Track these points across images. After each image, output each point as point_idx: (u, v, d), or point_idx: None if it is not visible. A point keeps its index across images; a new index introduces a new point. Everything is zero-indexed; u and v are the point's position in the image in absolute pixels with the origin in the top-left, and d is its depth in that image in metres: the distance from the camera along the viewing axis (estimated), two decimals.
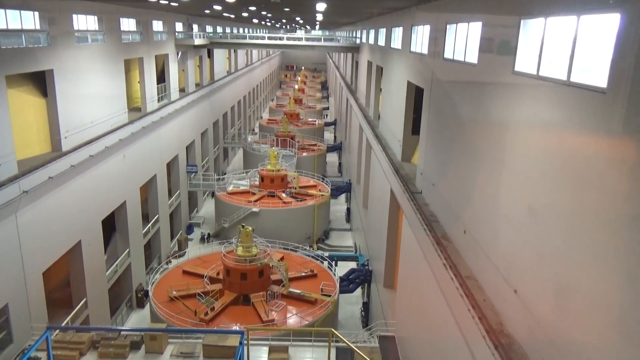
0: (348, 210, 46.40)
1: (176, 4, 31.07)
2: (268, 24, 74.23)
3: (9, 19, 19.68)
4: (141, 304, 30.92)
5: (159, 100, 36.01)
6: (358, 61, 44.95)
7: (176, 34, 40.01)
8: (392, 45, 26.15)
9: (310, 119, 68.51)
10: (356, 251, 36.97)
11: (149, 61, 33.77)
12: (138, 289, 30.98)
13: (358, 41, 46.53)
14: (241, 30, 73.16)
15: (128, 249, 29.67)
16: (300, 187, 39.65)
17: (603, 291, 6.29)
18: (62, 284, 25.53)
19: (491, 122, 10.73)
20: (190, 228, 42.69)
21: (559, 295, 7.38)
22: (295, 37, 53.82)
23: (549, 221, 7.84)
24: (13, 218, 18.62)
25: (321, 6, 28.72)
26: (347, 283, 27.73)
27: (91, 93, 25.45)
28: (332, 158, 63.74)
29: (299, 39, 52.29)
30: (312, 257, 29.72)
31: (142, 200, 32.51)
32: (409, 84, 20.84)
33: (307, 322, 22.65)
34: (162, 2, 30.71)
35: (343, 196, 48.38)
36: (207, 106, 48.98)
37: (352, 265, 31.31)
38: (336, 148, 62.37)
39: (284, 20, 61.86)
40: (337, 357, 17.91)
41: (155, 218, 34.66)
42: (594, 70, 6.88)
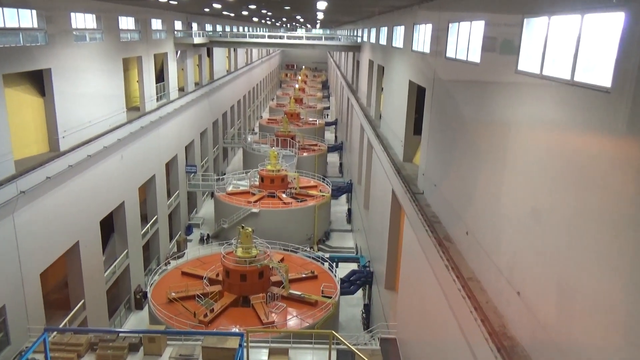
0: (349, 211, 46.30)
1: (175, 2, 30.98)
2: (268, 23, 74.28)
3: (7, 17, 19.65)
4: (140, 306, 30.82)
5: (158, 99, 35.97)
6: (359, 60, 44.88)
7: (175, 33, 39.97)
8: (394, 44, 26.15)
9: (310, 119, 68.45)
10: (357, 252, 36.86)
11: (148, 60, 33.71)
12: (136, 291, 30.89)
13: (359, 40, 46.42)
14: (241, 29, 73.11)
15: (126, 250, 29.61)
16: (300, 188, 39.53)
17: (607, 293, 6.27)
18: (60, 285, 25.51)
19: (494, 122, 10.73)
20: (189, 229, 42.60)
21: (563, 297, 7.37)
22: (295, 36, 53.55)
23: (552, 222, 7.81)
24: (10, 218, 18.57)
25: (322, 4, 28.62)
26: (348, 285, 27.64)
27: (89, 92, 25.44)
28: (333, 158, 63.66)
29: (300, 38, 52.11)
30: (313, 259, 29.62)
31: (141, 200, 32.47)
32: (411, 84, 20.86)
33: (308, 324, 22.58)
34: (161, 1, 30.62)
35: (344, 197, 48.21)
36: (207, 106, 48.90)
37: (353, 266, 31.20)
38: (337, 148, 62.26)
39: (285, 18, 61.90)
40: None
41: (154, 219, 34.59)
42: (598, 69, 6.88)
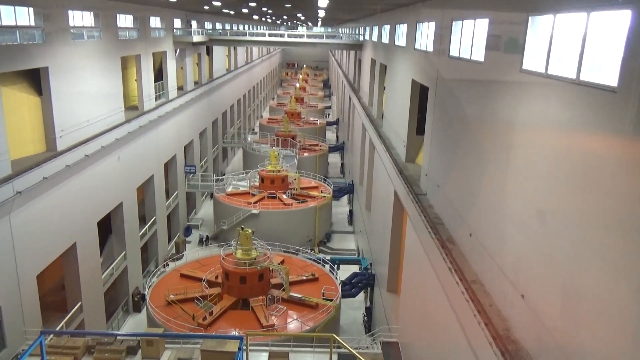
0: (350, 212, 46.23)
1: (174, 0, 30.81)
2: (269, 21, 74.26)
3: (3, 15, 19.65)
4: (138, 308, 30.77)
5: (157, 98, 35.98)
6: (361, 59, 44.75)
7: (174, 31, 39.93)
8: (396, 42, 26.17)
9: (311, 118, 68.29)
10: (359, 254, 36.77)
11: (147, 58, 33.69)
12: (134, 293, 30.84)
13: (361, 38, 46.28)
14: (241, 27, 72.99)
15: (124, 252, 29.57)
16: (301, 189, 39.38)
17: (614, 295, 6.23)
18: (57, 287, 25.47)
19: (498, 122, 10.74)
20: (188, 230, 42.56)
21: (568, 300, 7.33)
22: (296, 34, 53.45)
23: (558, 224, 7.77)
24: (7, 219, 18.57)
25: (323, 2, 28.56)
26: (350, 287, 27.53)
27: (87, 91, 25.46)
28: (334, 158, 63.60)
29: (301, 36, 52.01)
30: (314, 261, 29.52)
31: (139, 201, 32.49)
32: (414, 83, 20.89)
33: (308, 328, 22.49)
34: None
35: (345, 198, 48.11)
36: (206, 105, 48.82)
37: (355, 268, 31.04)
38: (338, 148, 62.13)
39: (285, 16, 61.80)
40: None
41: (152, 220, 34.54)
42: (604, 68, 6.85)
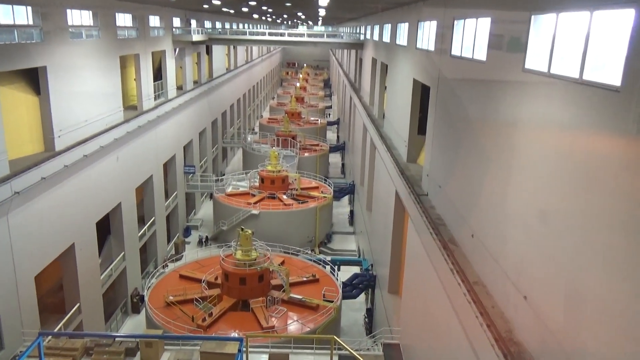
0: (351, 212, 46.19)
1: None
2: (269, 20, 74.18)
3: (1, 14, 19.67)
4: (136, 310, 30.74)
5: (156, 98, 35.98)
6: (362, 58, 44.63)
7: (174, 30, 39.90)
8: (398, 41, 26.14)
9: (312, 118, 68.20)
10: (360, 255, 36.72)
11: (146, 58, 33.65)
12: (133, 294, 30.81)
13: (362, 37, 46.15)
14: (241, 26, 72.87)
15: (123, 253, 29.54)
16: (301, 189, 39.32)
17: (617, 297, 6.22)
18: (55, 289, 25.43)
19: (500, 122, 10.72)
20: (187, 231, 42.54)
21: (571, 301, 7.32)
22: (296, 33, 53.32)
23: (561, 224, 7.76)
24: (4, 220, 18.55)
25: (324, 1, 28.44)
26: (350, 288, 27.50)
27: (85, 91, 25.43)
28: (335, 158, 63.53)
29: (301, 35, 51.81)
30: (314, 262, 29.47)
31: (138, 202, 32.55)
32: (415, 82, 20.84)
33: (309, 329, 22.42)
34: None
35: (346, 198, 48.11)
36: (206, 104, 48.75)
37: (356, 269, 31.02)
38: (339, 148, 62.05)
39: (285, 15, 61.73)
40: None
41: (151, 220, 34.51)
42: (608, 68, 6.82)
